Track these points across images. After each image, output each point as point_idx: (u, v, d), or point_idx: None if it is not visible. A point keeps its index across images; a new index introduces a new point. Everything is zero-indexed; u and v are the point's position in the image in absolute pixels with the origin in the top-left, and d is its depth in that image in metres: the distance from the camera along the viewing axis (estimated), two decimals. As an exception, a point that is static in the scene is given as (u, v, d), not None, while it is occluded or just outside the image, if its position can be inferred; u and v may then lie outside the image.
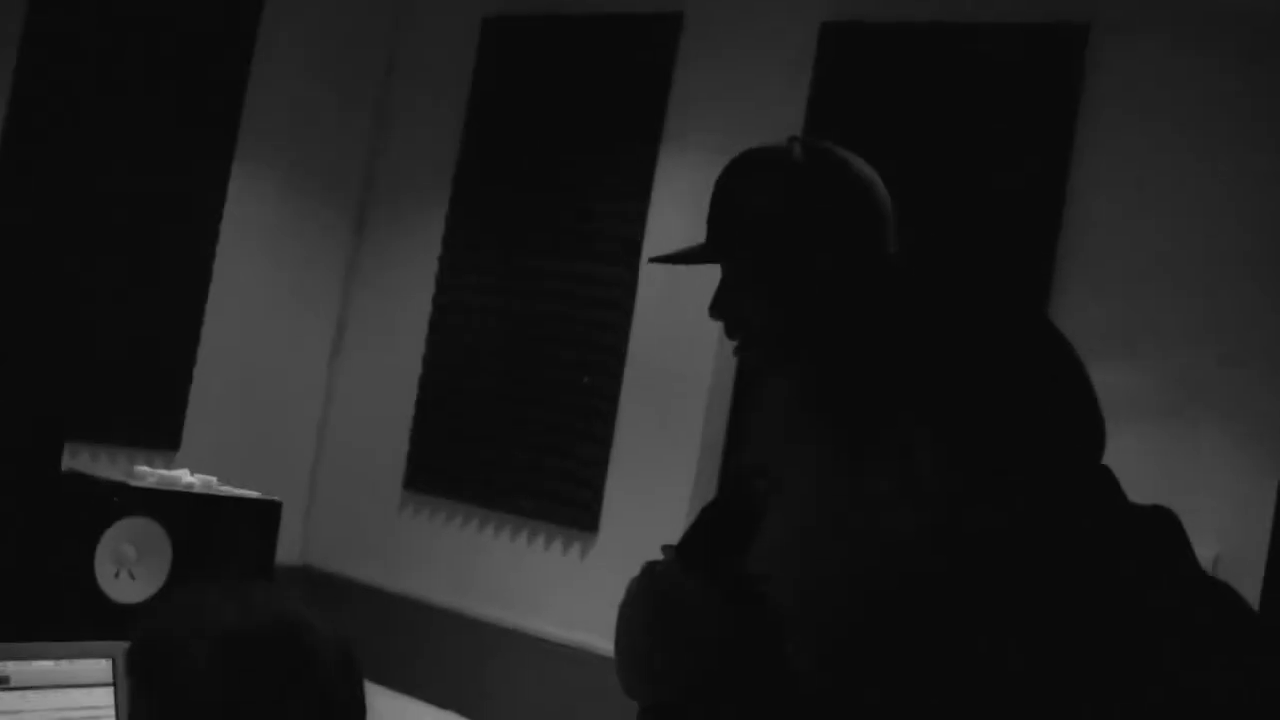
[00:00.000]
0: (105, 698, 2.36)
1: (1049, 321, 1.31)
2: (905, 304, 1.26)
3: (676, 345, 4.90)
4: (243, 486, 3.30)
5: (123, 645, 2.37)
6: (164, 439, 5.24)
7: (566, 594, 5.06)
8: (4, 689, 2.26)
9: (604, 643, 2.12)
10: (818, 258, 2.07)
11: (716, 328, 2.21)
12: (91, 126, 4.94)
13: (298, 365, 5.79)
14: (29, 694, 2.28)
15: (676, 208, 4.93)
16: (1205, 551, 3.73)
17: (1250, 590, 3.57)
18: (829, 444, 1.21)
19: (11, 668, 2.28)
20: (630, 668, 2.06)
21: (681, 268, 2.27)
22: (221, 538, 3.04)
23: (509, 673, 5.15)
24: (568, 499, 5.09)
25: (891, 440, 1.16)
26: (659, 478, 4.83)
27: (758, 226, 2.10)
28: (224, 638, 1.70)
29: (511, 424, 5.28)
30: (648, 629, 2.01)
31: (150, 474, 3.10)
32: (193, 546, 2.97)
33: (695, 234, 2.20)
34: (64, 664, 2.33)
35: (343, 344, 5.92)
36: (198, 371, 5.36)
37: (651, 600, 2.02)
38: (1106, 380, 1.35)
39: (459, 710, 5.10)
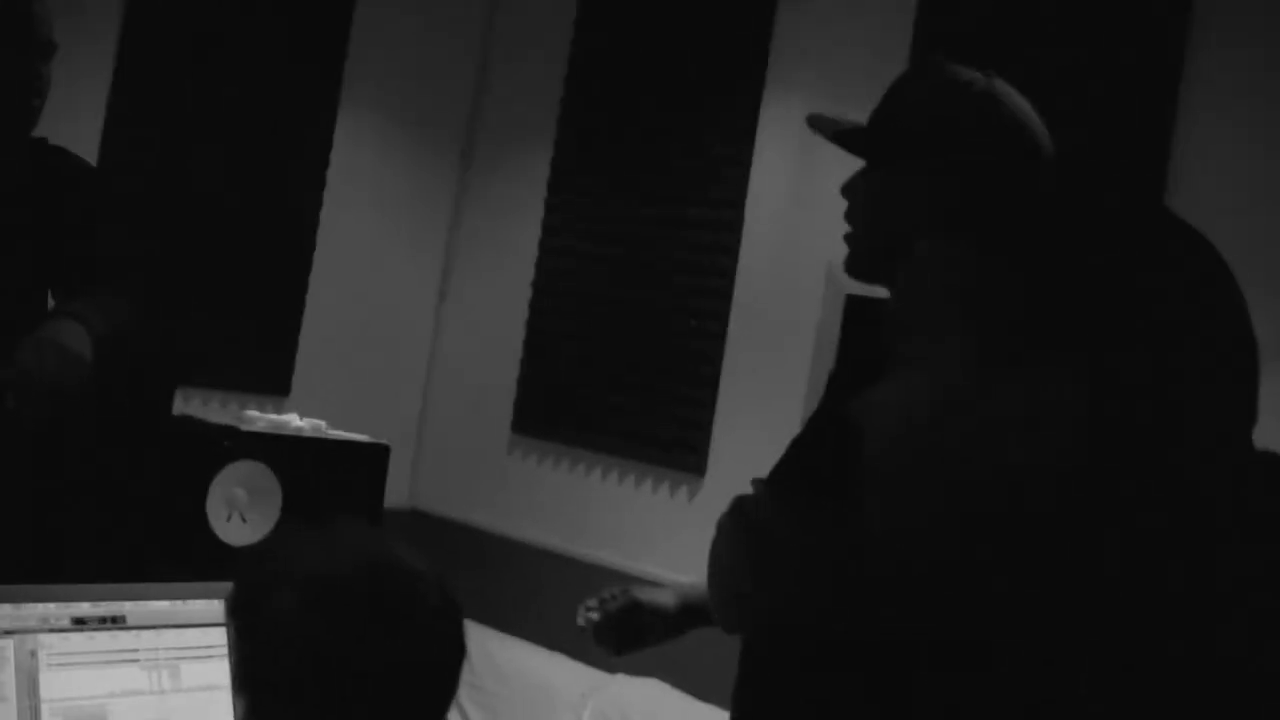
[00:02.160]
0: (219, 637, 2.39)
1: (1206, 243, 1.24)
2: (1057, 224, 1.22)
3: (784, 287, 4.88)
4: (352, 431, 3.33)
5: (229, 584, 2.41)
6: (274, 384, 5.31)
7: (675, 536, 5.07)
8: (121, 628, 2.31)
9: (701, 580, 2.13)
10: (978, 181, 2.04)
11: (823, 270, 2.19)
12: (197, 74, 4.99)
13: (405, 309, 5.83)
14: (144, 633, 2.33)
15: (782, 150, 4.90)
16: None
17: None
18: (973, 344, 1.18)
19: (128, 608, 2.32)
20: (723, 603, 2.06)
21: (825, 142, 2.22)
22: (330, 481, 3.07)
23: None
24: (675, 442, 5.09)
25: (1040, 363, 1.13)
26: (766, 419, 4.81)
27: (932, 145, 2.06)
28: (310, 580, 1.71)
29: (618, 367, 5.29)
30: (737, 565, 2.01)
31: (260, 418, 3.13)
32: (302, 490, 3.00)
33: (802, 177, 2.17)
34: (178, 604, 2.37)
35: (449, 288, 5.96)
36: (306, 317, 5.42)
37: (741, 535, 2.02)
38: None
39: (567, 652, 5.14)
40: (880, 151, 2.12)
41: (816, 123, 2.20)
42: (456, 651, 1.78)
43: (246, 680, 1.74)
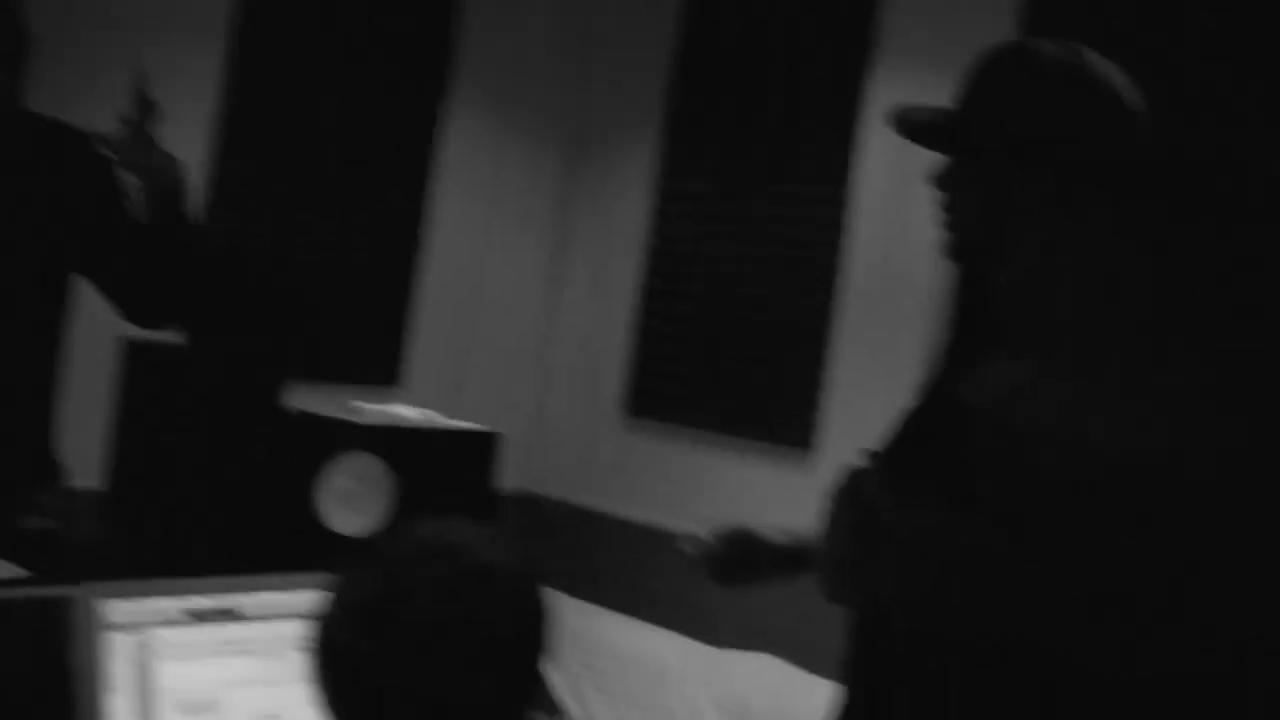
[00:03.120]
0: (332, 627, 2.41)
1: None
2: (1182, 207, 1.17)
3: (893, 261, 4.84)
4: (466, 418, 3.34)
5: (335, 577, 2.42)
6: (387, 375, 5.34)
7: (789, 512, 5.03)
8: (233, 620, 2.33)
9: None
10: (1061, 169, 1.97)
11: (933, 242, 2.15)
12: (307, 71, 5.03)
13: (516, 297, 5.85)
14: (258, 624, 2.35)
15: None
16: None
17: None
18: (1108, 334, 1.13)
19: (242, 600, 2.34)
20: (829, 575, 2.05)
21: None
22: (441, 470, 3.09)
23: (733, 593, 5.16)
24: (786, 418, 5.07)
25: (1177, 358, 1.09)
26: (877, 393, 4.78)
27: (1026, 133, 2.00)
28: (367, 611, 1.69)
29: (728, 346, 5.28)
30: (845, 538, 2.00)
31: (370, 409, 3.15)
32: (413, 480, 3.01)
33: (909, 147, 2.12)
34: (291, 595, 2.39)
35: (559, 274, 5.97)
36: (417, 307, 5.44)
37: (850, 510, 2.01)
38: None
39: (683, 630, 5.14)
40: (972, 148, 2.07)
41: (900, 122, 2.13)
42: (531, 654, 1.75)
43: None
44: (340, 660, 1.70)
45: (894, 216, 4.83)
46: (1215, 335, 1.09)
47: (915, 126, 2.11)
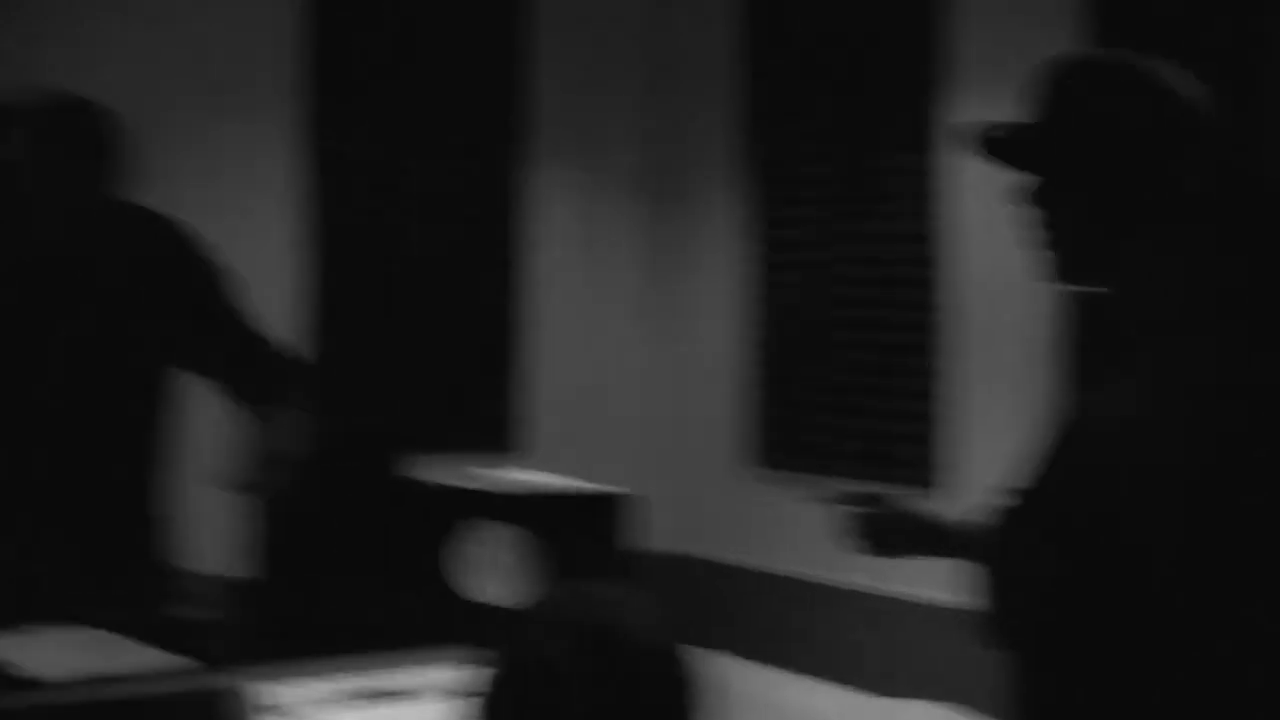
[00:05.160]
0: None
1: None
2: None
3: (1000, 293, 4.81)
4: (588, 482, 3.32)
5: (482, 651, 2.41)
6: (503, 442, 5.35)
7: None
8: (388, 699, 2.34)
9: (964, 598, 2.10)
10: (1186, 183, 1.96)
11: (1035, 268, 2.14)
12: (389, 145, 5.08)
13: (625, 356, 5.85)
14: (407, 701, 2.36)
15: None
16: None
17: None
18: (1225, 338, 1.11)
19: (394, 679, 2.35)
20: (982, 620, 2.03)
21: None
22: (571, 535, 3.07)
23: (878, 636, 5.12)
24: (913, 460, 5.03)
25: None
26: (1002, 431, 4.75)
27: (1112, 153, 2.00)
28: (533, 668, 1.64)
29: (846, 390, 5.25)
30: (989, 579, 1.98)
31: (494, 477, 3.14)
32: (543, 546, 3.00)
33: (993, 174, 2.11)
34: (440, 671, 2.39)
35: (657, 329, 5.96)
36: (528, 374, 5.45)
37: (988, 551, 1.99)
38: None
39: (844, 681, 5.10)
40: (1067, 164, 2.05)
41: (983, 142, 2.11)
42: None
43: None
44: None
45: (989, 241, 4.80)
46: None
47: (1000, 145, 2.09)
